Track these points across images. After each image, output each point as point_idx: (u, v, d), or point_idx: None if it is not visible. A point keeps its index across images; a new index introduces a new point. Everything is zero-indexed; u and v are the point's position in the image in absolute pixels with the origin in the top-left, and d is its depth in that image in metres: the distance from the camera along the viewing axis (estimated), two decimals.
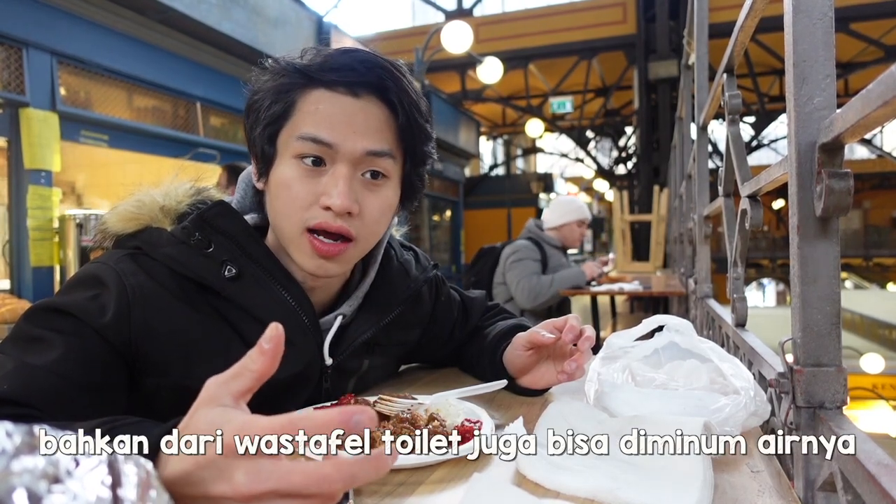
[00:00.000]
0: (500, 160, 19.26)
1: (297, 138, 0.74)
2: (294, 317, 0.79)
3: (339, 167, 0.74)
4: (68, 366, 0.66)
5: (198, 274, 0.75)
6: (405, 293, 0.93)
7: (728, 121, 1.04)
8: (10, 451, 0.25)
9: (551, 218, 3.48)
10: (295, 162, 0.74)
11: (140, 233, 0.79)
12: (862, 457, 0.44)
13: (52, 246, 4.05)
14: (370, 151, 0.75)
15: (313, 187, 0.74)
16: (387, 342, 0.95)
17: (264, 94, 0.76)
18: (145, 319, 0.71)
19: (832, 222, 0.56)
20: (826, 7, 0.57)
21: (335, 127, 0.73)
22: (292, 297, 0.79)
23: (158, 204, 0.81)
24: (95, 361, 0.68)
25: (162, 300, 0.73)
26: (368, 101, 0.75)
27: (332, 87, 0.74)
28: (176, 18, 4.75)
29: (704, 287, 1.82)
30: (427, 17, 14.41)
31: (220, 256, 0.77)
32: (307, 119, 0.74)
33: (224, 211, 0.80)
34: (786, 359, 0.61)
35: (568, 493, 0.54)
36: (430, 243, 11.74)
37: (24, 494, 0.23)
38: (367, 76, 0.74)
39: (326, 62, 0.75)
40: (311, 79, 0.74)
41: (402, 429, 0.67)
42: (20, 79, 3.93)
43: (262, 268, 0.79)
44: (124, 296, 0.71)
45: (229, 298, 0.76)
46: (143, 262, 0.75)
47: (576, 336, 0.81)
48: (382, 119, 0.76)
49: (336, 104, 0.74)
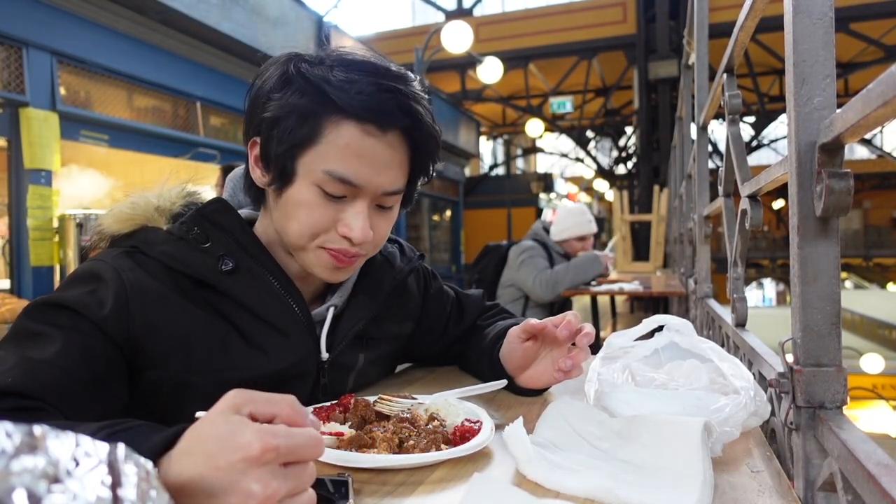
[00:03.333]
0: (500, 160, 19.27)
1: (325, 172, 0.74)
2: (287, 309, 0.81)
3: (359, 203, 0.77)
4: (69, 359, 0.66)
5: (194, 269, 0.77)
6: (391, 283, 0.95)
7: (728, 121, 1.04)
8: (10, 452, 0.25)
9: (554, 230, 3.50)
10: (317, 189, 0.75)
11: (136, 232, 0.81)
12: (862, 457, 0.44)
13: (52, 246, 4.06)
14: (389, 191, 0.78)
15: (332, 214, 0.77)
16: (379, 335, 0.96)
17: (285, 110, 0.74)
18: (143, 313, 0.72)
19: (832, 222, 0.56)
20: (826, 7, 0.57)
21: (362, 168, 0.75)
22: (285, 290, 0.82)
23: (153, 205, 0.84)
24: (96, 355, 0.69)
25: (159, 295, 0.74)
26: (394, 137, 0.76)
27: (362, 122, 0.74)
28: (176, 18, 4.75)
29: (704, 287, 1.82)
30: (427, 17, 14.43)
31: (218, 251, 0.79)
32: (336, 155, 0.74)
33: (222, 207, 0.83)
34: (786, 359, 0.61)
35: (568, 493, 0.54)
36: (430, 243, 11.75)
37: (24, 494, 0.23)
38: (399, 118, 0.75)
39: (356, 92, 0.73)
40: (341, 110, 0.73)
41: (402, 429, 0.67)
42: (20, 79, 3.93)
43: (257, 262, 0.81)
44: (122, 290, 0.72)
45: (224, 292, 0.78)
46: (139, 259, 0.76)
47: (572, 333, 0.81)
48: (404, 154, 0.78)
49: (365, 144, 0.74)
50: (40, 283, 3.98)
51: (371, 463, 0.60)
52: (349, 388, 0.92)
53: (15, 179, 3.96)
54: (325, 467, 0.61)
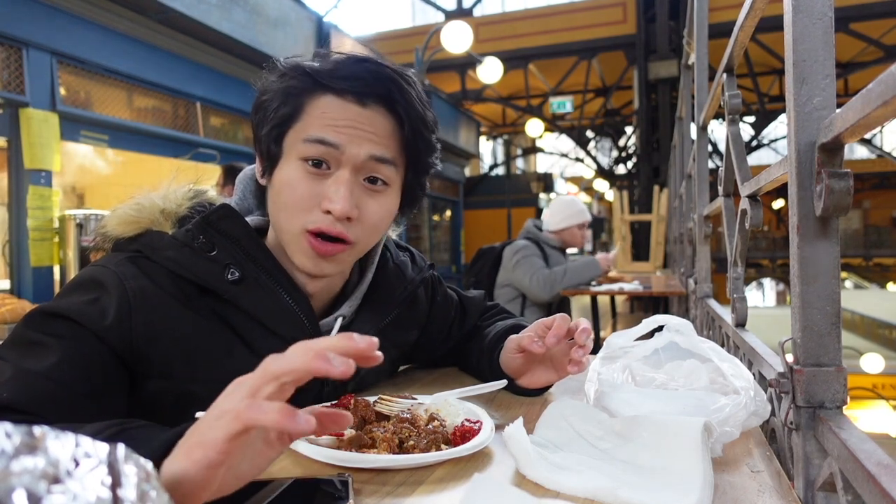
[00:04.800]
0: (500, 160, 19.26)
1: (304, 140, 0.75)
2: (295, 319, 0.80)
3: (342, 172, 0.75)
4: (66, 371, 0.65)
5: (200, 277, 0.75)
6: (402, 294, 0.94)
7: (728, 121, 1.04)
8: (10, 452, 0.25)
9: (552, 221, 3.50)
10: (300, 164, 0.75)
11: (140, 236, 0.79)
12: (862, 457, 0.44)
13: (52, 246, 4.05)
14: (373, 156, 0.76)
15: (316, 189, 0.75)
16: (385, 344, 0.94)
17: (273, 94, 0.77)
18: (147, 323, 0.71)
19: (832, 222, 0.56)
20: (826, 7, 0.57)
21: (341, 130, 0.75)
22: (293, 299, 0.80)
23: (159, 207, 0.82)
24: (94, 366, 0.68)
25: (163, 303, 0.73)
26: (375, 111, 0.76)
27: (341, 94, 0.75)
28: (176, 18, 4.75)
29: (704, 287, 1.82)
30: (427, 17, 14.42)
31: (224, 259, 0.77)
32: (314, 122, 0.75)
33: (228, 213, 0.81)
34: (786, 359, 0.61)
35: (568, 493, 0.54)
36: (430, 243, 11.74)
37: (24, 494, 0.23)
38: (376, 86, 0.75)
39: (336, 69, 0.76)
40: (320, 84, 0.75)
41: (402, 429, 0.67)
42: (20, 79, 3.93)
43: (264, 270, 0.79)
44: (125, 299, 0.71)
45: (231, 301, 0.76)
46: (143, 265, 0.75)
47: (560, 338, 0.81)
48: (388, 128, 0.77)
49: (344, 110, 0.75)
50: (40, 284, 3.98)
51: (371, 463, 0.60)
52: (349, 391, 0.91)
53: (15, 180, 3.96)
54: (325, 467, 0.61)
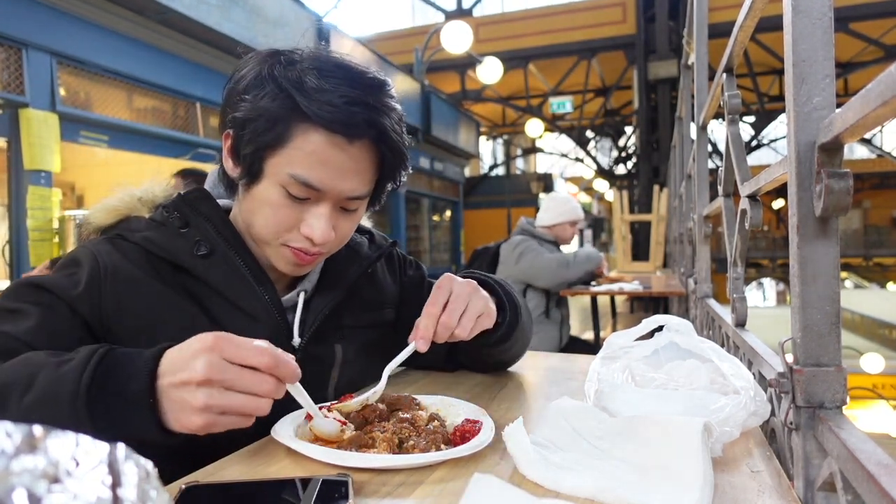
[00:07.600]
0: (500, 160, 19.27)
1: (290, 175, 0.77)
2: (257, 294, 0.84)
3: (322, 206, 0.80)
4: (38, 335, 0.71)
5: (171, 254, 0.81)
6: (357, 270, 0.96)
7: (728, 121, 1.04)
8: (10, 451, 0.25)
9: (546, 216, 3.54)
10: (281, 190, 0.78)
11: (121, 222, 0.88)
12: (862, 457, 0.44)
13: (52, 246, 4.06)
14: (351, 196, 0.80)
15: (296, 214, 0.80)
16: (355, 324, 0.95)
17: (258, 112, 0.76)
18: (116, 293, 0.78)
19: (832, 222, 0.56)
20: (826, 7, 0.57)
21: (327, 175, 0.77)
22: (255, 276, 0.85)
23: (136, 196, 0.92)
24: (65, 333, 0.73)
25: (134, 278, 0.79)
26: (361, 147, 0.78)
27: (330, 133, 0.75)
28: (176, 19, 4.75)
29: (704, 287, 1.82)
30: (427, 17, 14.43)
31: (195, 236, 0.84)
32: (302, 160, 0.76)
33: (203, 195, 0.89)
34: (786, 359, 0.61)
35: (568, 492, 0.54)
36: (429, 243, 11.74)
37: (24, 494, 0.23)
38: (363, 129, 0.76)
39: (325, 99, 0.74)
40: (308, 117, 0.74)
41: (402, 429, 0.67)
42: (20, 79, 3.93)
43: (231, 248, 0.85)
44: (96, 270, 0.78)
45: (199, 276, 0.82)
46: (119, 244, 0.83)
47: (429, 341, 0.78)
48: (370, 161, 0.81)
49: (331, 153, 0.76)
50: None
51: (371, 463, 0.60)
52: (334, 386, 0.90)
53: (15, 180, 3.96)
54: (325, 467, 0.61)
